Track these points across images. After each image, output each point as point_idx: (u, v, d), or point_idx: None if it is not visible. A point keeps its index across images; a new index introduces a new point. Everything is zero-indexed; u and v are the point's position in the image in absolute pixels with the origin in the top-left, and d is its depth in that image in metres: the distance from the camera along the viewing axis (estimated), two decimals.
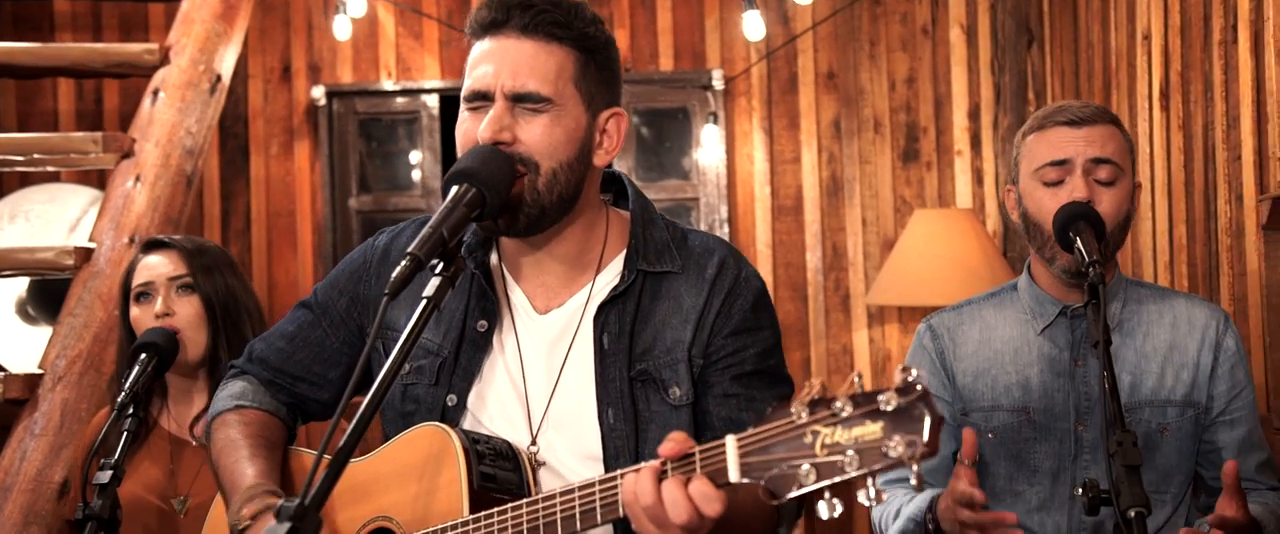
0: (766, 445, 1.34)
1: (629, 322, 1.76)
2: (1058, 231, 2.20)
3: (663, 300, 1.78)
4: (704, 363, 1.76)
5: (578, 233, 1.80)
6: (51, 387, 2.95)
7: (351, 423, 1.37)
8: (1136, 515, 1.78)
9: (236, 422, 1.91)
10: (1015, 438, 2.35)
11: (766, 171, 5.06)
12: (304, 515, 1.26)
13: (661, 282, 1.80)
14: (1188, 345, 2.34)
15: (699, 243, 1.84)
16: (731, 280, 1.80)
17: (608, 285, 1.79)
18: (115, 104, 5.21)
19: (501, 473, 1.66)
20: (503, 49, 1.74)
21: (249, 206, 5.17)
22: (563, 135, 1.73)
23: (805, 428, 1.32)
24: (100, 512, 2.16)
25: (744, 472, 1.36)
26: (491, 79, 1.73)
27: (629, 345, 1.75)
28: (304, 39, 5.19)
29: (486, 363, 1.80)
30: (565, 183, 1.73)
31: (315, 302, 1.96)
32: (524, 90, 1.71)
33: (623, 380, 1.74)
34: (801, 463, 1.30)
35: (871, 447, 1.27)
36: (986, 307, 2.46)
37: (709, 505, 1.40)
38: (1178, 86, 3.49)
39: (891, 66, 5.05)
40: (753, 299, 1.80)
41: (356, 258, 1.94)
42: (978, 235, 4.48)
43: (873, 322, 5.00)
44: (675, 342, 1.76)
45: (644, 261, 1.79)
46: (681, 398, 1.75)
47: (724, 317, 1.77)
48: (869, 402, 1.28)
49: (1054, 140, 2.31)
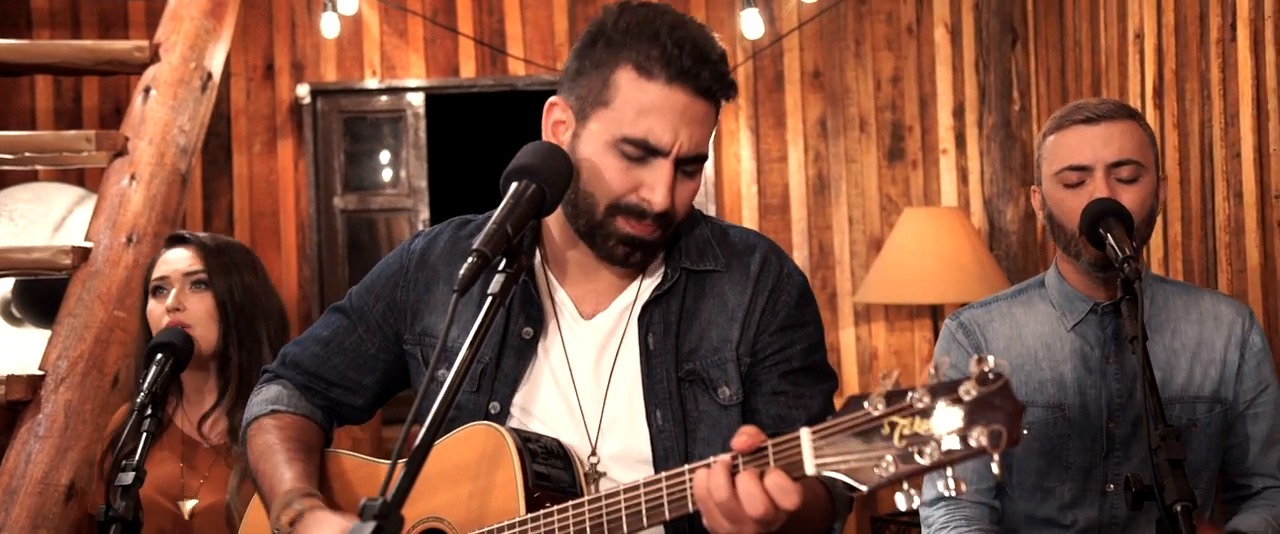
0: (842, 437, 1.34)
1: (675, 321, 1.75)
2: (1087, 229, 2.19)
3: (707, 298, 1.78)
4: (752, 361, 1.76)
5: None
6: (54, 388, 2.90)
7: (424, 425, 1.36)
8: (1183, 510, 1.79)
9: (273, 427, 1.88)
10: (1049, 434, 2.36)
11: (753, 170, 5.07)
12: (388, 514, 1.24)
13: (705, 280, 1.79)
14: (1215, 342, 2.36)
15: (740, 239, 1.84)
16: (775, 277, 1.79)
17: (651, 285, 1.78)
18: (95, 102, 5.14)
19: (554, 472, 1.65)
20: (683, 108, 1.69)
21: (232, 206, 5.12)
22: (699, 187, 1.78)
23: (882, 419, 1.32)
24: (124, 513, 2.13)
25: (820, 464, 1.36)
26: (670, 137, 1.69)
27: (676, 345, 1.75)
28: (287, 37, 5.14)
29: (532, 370, 1.78)
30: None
31: (350, 306, 1.93)
32: (696, 153, 1.73)
33: (670, 381, 1.73)
34: (883, 454, 1.30)
35: (952, 437, 1.27)
36: (1015, 304, 2.46)
37: (786, 498, 1.39)
38: (1172, 85, 3.53)
39: (877, 65, 5.08)
40: (797, 295, 1.80)
41: (392, 262, 1.92)
42: (967, 233, 4.51)
43: (860, 319, 5.02)
44: (722, 340, 1.75)
45: (686, 260, 1.79)
46: (731, 397, 1.74)
47: (770, 314, 1.77)
48: (949, 392, 1.28)
49: (1072, 142, 2.30)
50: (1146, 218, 2.30)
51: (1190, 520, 1.78)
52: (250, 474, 1.87)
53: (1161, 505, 1.82)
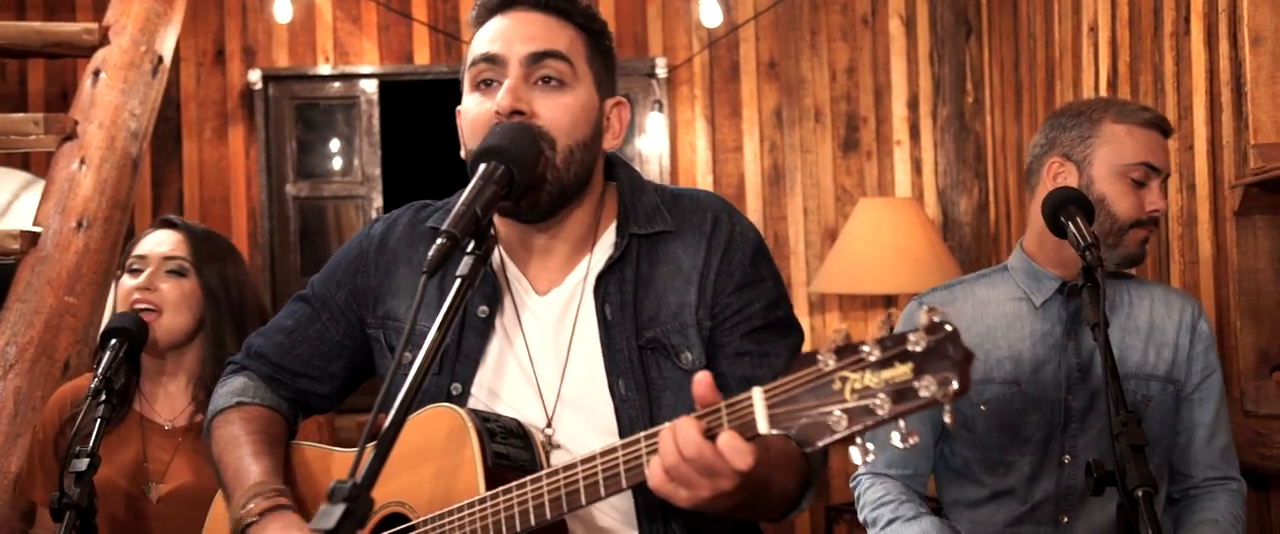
0: (794, 395, 1.32)
1: (630, 289, 1.74)
2: (1048, 216, 2.23)
3: (661, 264, 1.76)
4: (712, 323, 1.74)
5: (583, 215, 1.78)
6: (3, 375, 2.85)
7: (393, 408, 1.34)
8: (1144, 494, 1.81)
9: (238, 419, 1.86)
10: (1006, 409, 2.41)
11: (709, 160, 5.07)
12: (357, 496, 1.22)
13: (658, 245, 1.77)
14: (1166, 327, 2.44)
15: (690, 200, 1.82)
16: (727, 235, 1.77)
17: (604, 256, 1.76)
18: (40, 86, 5.06)
19: (514, 451, 1.63)
20: (516, 21, 1.72)
21: (182, 193, 5.05)
22: (581, 113, 1.70)
23: (833, 374, 1.29)
24: (78, 500, 2.10)
25: (773, 422, 1.34)
26: (505, 45, 1.70)
27: (634, 313, 1.73)
28: (238, 21, 5.07)
29: (491, 349, 1.77)
30: (581, 162, 1.71)
31: (313, 294, 1.92)
32: (543, 49, 1.69)
33: (631, 350, 1.71)
34: (832, 410, 1.28)
35: (903, 388, 1.25)
36: (978, 285, 2.52)
37: (740, 459, 1.36)
38: (1126, 77, 3.57)
39: (832, 56, 5.09)
40: (752, 252, 1.77)
41: (352, 248, 1.90)
42: (922, 224, 4.54)
43: (814, 309, 5.04)
44: (681, 305, 1.73)
45: (635, 226, 1.77)
46: (694, 362, 1.72)
47: (725, 274, 1.75)
48: (897, 344, 1.26)
49: (1146, 143, 2.40)
50: None
51: (1151, 505, 1.80)
52: (213, 465, 1.84)
53: (1122, 490, 1.83)
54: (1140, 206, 2.38)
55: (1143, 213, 2.38)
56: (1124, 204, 2.38)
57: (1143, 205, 2.38)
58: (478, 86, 1.73)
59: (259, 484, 1.73)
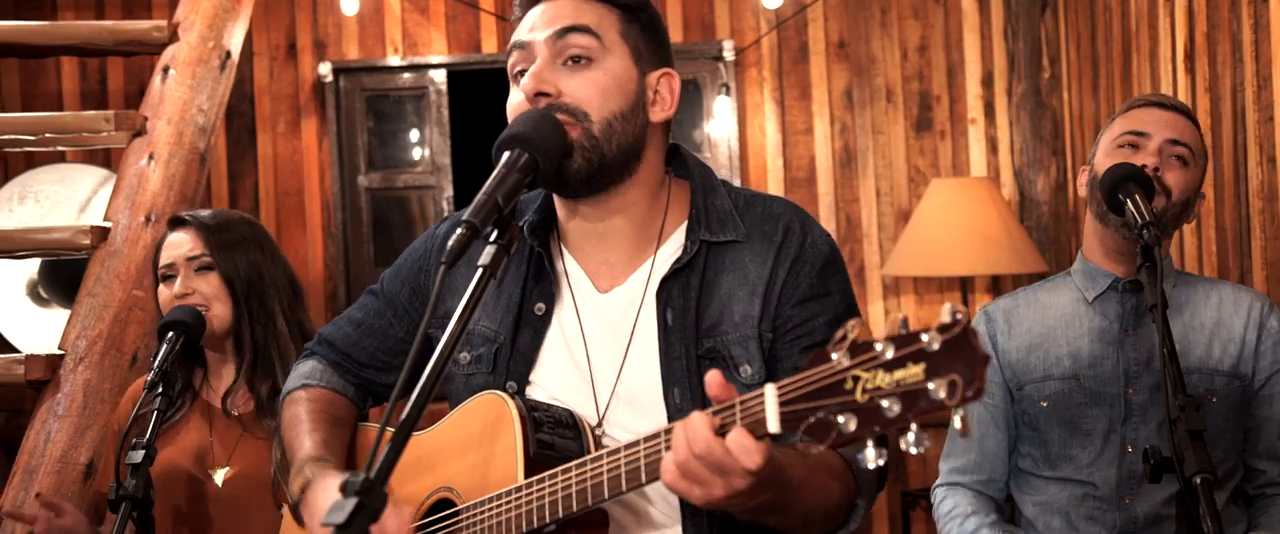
0: (807, 394, 1.28)
1: (694, 296, 1.69)
2: (1107, 194, 2.18)
3: (727, 272, 1.71)
4: (774, 336, 1.69)
5: (640, 202, 1.73)
6: (73, 367, 2.91)
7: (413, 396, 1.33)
8: (1203, 481, 1.75)
9: (303, 399, 1.89)
10: (1067, 404, 2.38)
11: (779, 143, 5.02)
12: (371, 489, 1.21)
13: (726, 252, 1.72)
14: (1233, 323, 2.37)
15: (763, 208, 1.76)
16: (798, 246, 1.71)
17: (670, 258, 1.72)
18: (120, 83, 5.15)
19: (561, 441, 1.61)
20: (546, 7, 1.70)
21: (257, 186, 5.12)
22: (611, 85, 1.66)
23: (846, 373, 1.24)
24: (134, 491, 2.13)
25: (784, 421, 1.29)
26: (532, 31, 1.68)
27: (695, 321, 1.68)
28: (309, 15, 5.13)
29: (547, 347, 1.74)
30: (622, 133, 1.66)
31: (382, 290, 1.93)
32: (567, 24, 1.66)
33: (689, 359, 1.67)
34: (842, 410, 1.24)
35: (914, 390, 1.19)
36: (1042, 291, 2.51)
37: (748, 457, 1.33)
38: (1203, 48, 3.45)
39: (903, 35, 5.01)
40: (821, 264, 1.72)
41: (418, 248, 1.91)
42: (996, 204, 4.44)
43: (888, 293, 4.97)
44: (744, 317, 1.68)
45: (706, 231, 1.71)
46: (752, 376, 1.67)
47: (791, 286, 1.69)
48: (911, 342, 1.20)
49: (1137, 116, 2.38)
50: (1182, 204, 2.35)
51: (1210, 492, 1.74)
52: (280, 447, 1.87)
53: (1181, 477, 1.78)
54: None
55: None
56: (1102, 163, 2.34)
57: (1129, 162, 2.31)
58: (515, 78, 1.72)
59: (306, 459, 1.75)
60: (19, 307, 4.22)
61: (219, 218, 2.67)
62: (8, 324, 4.20)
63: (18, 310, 4.21)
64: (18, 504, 2.71)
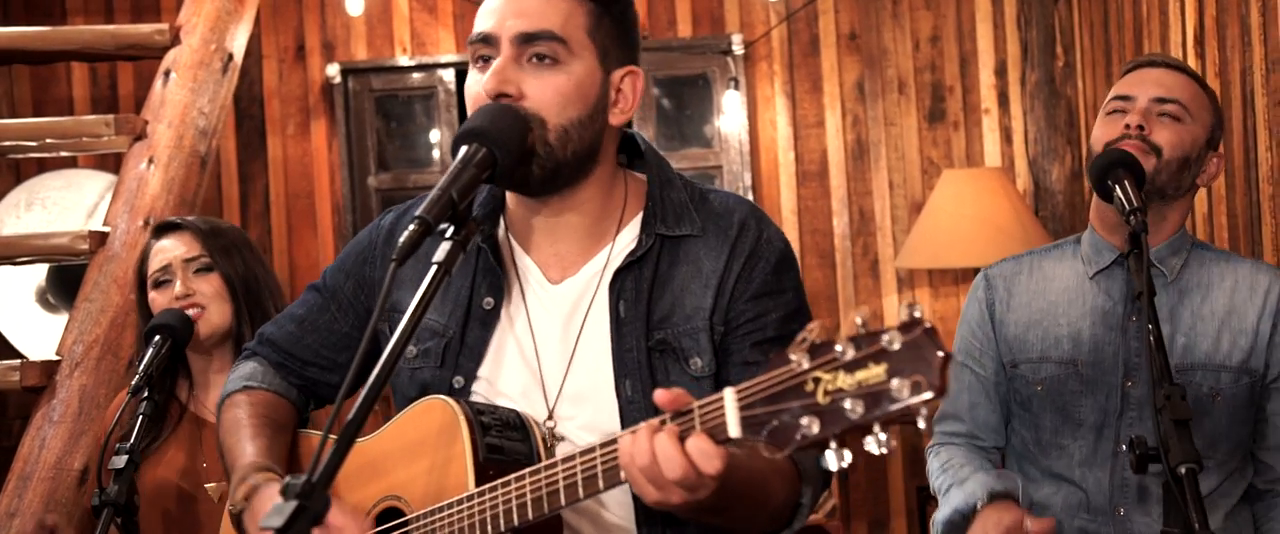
0: (768, 397, 1.25)
1: (646, 288, 1.67)
2: (1095, 180, 2.13)
3: (681, 265, 1.69)
4: (725, 330, 1.67)
5: (595, 198, 1.70)
6: (69, 373, 2.90)
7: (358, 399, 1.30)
8: (1188, 472, 1.70)
9: (243, 402, 1.85)
10: (1062, 390, 2.31)
11: (790, 137, 4.97)
12: (311, 493, 1.19)
13: (680, 245, 1.70)
14: (1247, 312, 2.27)
15: (719, 203, 1.74)
16: (753, 242, 1.70)
17: (624, 250, 1.69)
18: (130, 88, 5.16)
19: (509, 444, 1.59)
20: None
21: (268, 188, 5.12)
22: (573, 91, 1.62)
23: (806, 375, 1.21)
24: (116, 497, 2.12)
25: (745, 425, 1.27)
26: (496, 23, 1.63)
27: (646, 313, 1.66)
28: (317, 17, 5.12)
29: (495, 341, 1.71)
30: (578, 140, 1.63)
31: (324, 285, 1.89)
32: (534, 29, 1.61)
33: (640, 351, 1.65)
34: (803, 413, 1.21)
35: (876, 391, 1.16)
36: (1047, 258, 2.43)
37: (707, 462, 1.31)
38: (1213, 32, 3.39)
39: (915, 25, 4.95)
40: (775, 261, 1.70)
41: (362, 239, 1.87)
42: (1008, 194, 4.38)
43: (903, 285, 4.92)
44: (695, 309, 1.67)
45: (662, 225, 1.69)
46: (703, 369, 1.65)
47: (744, 281, 1.68)
48: (872, 343, 1.17)
49: (1126, 80, 2.33)
50: (1179, 161, 2.25)
51: (1195, 482, 1.70)
52: (219, 449, 1.84)
53: (1167, 467, 1.73)
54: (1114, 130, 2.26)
55: (1116, 132, 2.25)
56: (1098, 134, 2.29)
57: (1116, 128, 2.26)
58: (476, 63, 1.68)
59: (247, 467, 1.72)
60: (28, 313, 4.23)
61: (212, 222, 2.66)
62: (17, 330, 4.22)
63: (27, 317, 4.22)
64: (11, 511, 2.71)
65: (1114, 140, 2.24)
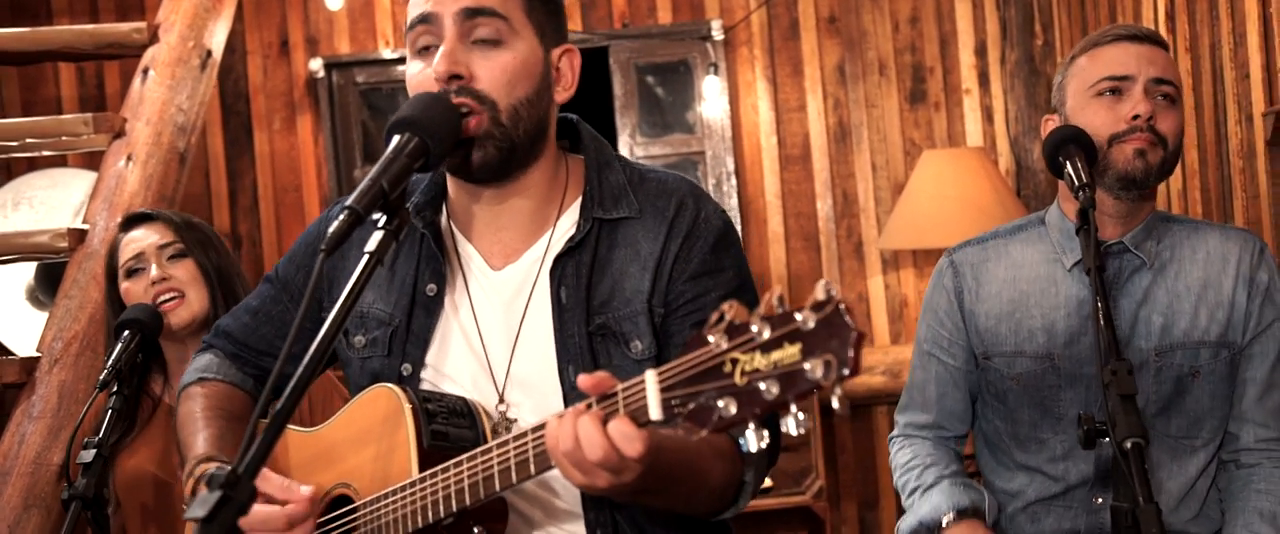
0: (687, 378, 1.25)
1: (586, 273, 1.67)
2: (1048, 156, 2.12)
3: (620, 248, 1.69)
4: (665, 312, 1.67)
5: (539, 184, 1.71)
6: (48, 369, 2.93)
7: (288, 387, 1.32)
8: (1134, 447, 1.71)
9: (198, 394, 1.87)
10: (1039, 385, 2.27)
11: (772, 121, 4.98)
12: (236, 483, 1.20)
13: (619, 228, 1.70)
14: (1222, 283, 2.24)
15: (657, 184, 1.74)
16: (690, 221, 1.69)
17: (564, 236, 1.70)
18: (117, 87, 5.18)
19: (455, 430, 1.60)
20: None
21: (256, 183, 5.14)
22: (521, 69, 1.64)
23: (724, 356, 1.22)
24: (84, 491, 2.14)
25: (665, 408, 1.27)
26: (437, 3, 1.63)
27: (586, 298, 1.67)
28: (300, 12, 5.13)
29: (440, 327, 1.72)
30: (529, 118, 1.64)
31: (276, 276, 1.90)
32: (476, 5, 1.61)
33: (581, 336, 1.66)
34: (720, 395, 1.22)
35: (792, 370, 1.17)
36: (1013, 242, 2.36)
37: (629, 445, 1.31)
38: (1183, 7, 3.39)
39: (894, 7, 4.95)
40: (713, 240, 1.70)
41: (311, 231, 1.89)
42: (988, 174, 4.39)
43: (887, 267, 4.93)
44: (635, 292, 1.67)
45: (599, 209, 1.70)
46: (643, 351, 1.65)
47: (683, 261, 1.68)
48: (786, 322, 1.17)
49: (1112, 56, 2.21)
50: (1177, 150, 2.21)
51: (1140, 457, 1.70)
52: (176, 442, 1.87)
53: (1114, 442, 1.74)
54: (1116, 118, 2.17)
55: (1122, 122, 2.16)
56: (1096, 122, 2.18)
57: (1120, 116, 2.17)
58: (419, 53, 1.68)
59: (196, 457, 1.74)
60: (17, 310, 4.26)
61: (185, 216, 2.69)
62: (6, 328, 4.25)
63: (16, 314, 4.25)
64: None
65: (1121, 134, 2.16)
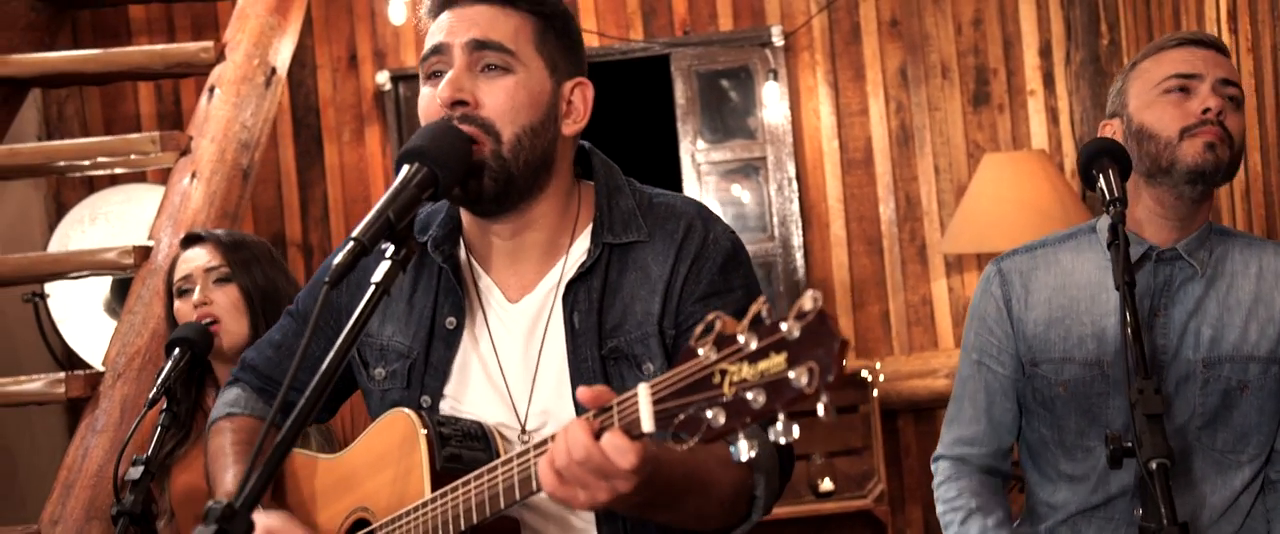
0: (678, 390, 1.27)
1: (597, 298, 1.69)
2: (1082, 168, 2.10)
3: (630, 272, 1.71)
4: (676, 333, 1.68)
5: (550, 215, 1.73)
6: (112, 383, 3.02)
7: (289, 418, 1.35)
8: (1159, 467, 1.69)
9: (226, 430, 1.90)
10: (1087, 392, 2.24)
11: (833, 125, 4.96)
12: (232, 517, 1.23)
13: (629, 252, 1.71)
14: (1274, 298, 2.21)
15: (666, 207, 1.75)
16: (699, 243, 1.71)
17: (577, 263, 1.72)
18: (192, 104, 5.28)
19: (469, 453, 1.62)
20: (460, 14, 1.69)
21: (326, 195, 5.23)
22: (526, 98, 1.66)
23: (713, 367, 1.24)
24: (132, 508, 2.20)
25: (658, 420, 1.29)
26: (449, 34, 1.67)
27: (598, 323, 1.68)
28: (367, 26, 5.22)
29: (459, 360, 1.74)
30: (530, 148, 1.66)
31: (298, 310, 1.92)
32: (485, 37, 1.65)
33: (594, 360, 1.67)
34: (709, 405, 1.23)
35: (777, 380, 1.18)
36: (1063, 249, 2.34)
37: (622, 457, 1.33)
38: (1245, 7, 3.32)
39: (956, 9, 4.90)
40: (722, 260, 1.71)
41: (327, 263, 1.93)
42: (1049, 176, 4.33)
43: (951, 271, 4.88)
44: (645, 315, 1.68)
45: (609, 234, 1.71)
46: (656, 373, 1.66)
47: (692, 282, 1.69)
48: (772, 332, 1.19)
49: (1179, 56, 2.21)
50: (1241, 151, 2.21)
51: (1165, 478, 1.68)
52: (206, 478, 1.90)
53: (1139, 463, 1.72)
54: (1186, 113, 2.16)
55: (1192, 116, 2.15)
56: (1165, 118, 2.17)
57: (1189, 111, 2.16)
58: (429, 78, 1.71)
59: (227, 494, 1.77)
60: (95, 322, 4.39)
61: (235, 236, 2.75)
62: (86, 341, 4.38)
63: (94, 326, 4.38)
64: (55, 518, 2.83)
65: (1192, 127, 2.15)
